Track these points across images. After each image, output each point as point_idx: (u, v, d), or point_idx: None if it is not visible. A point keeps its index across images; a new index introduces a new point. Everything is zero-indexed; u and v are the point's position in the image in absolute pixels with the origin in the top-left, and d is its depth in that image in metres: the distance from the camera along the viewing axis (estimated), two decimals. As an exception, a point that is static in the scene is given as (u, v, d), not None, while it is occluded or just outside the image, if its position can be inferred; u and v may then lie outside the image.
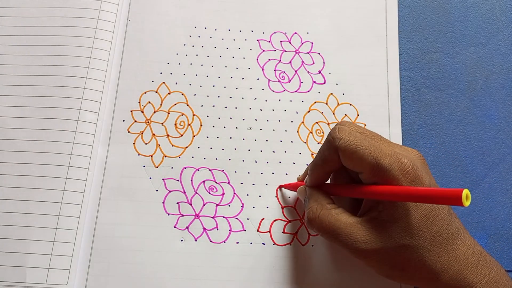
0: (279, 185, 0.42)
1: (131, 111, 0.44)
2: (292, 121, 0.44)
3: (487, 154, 0.45)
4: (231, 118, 0.44)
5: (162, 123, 0.44)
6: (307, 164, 0.43)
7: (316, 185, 0.36)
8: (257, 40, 0.47)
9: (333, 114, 0.45)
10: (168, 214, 0.41)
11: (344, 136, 0.32)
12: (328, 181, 0.37)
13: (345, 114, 0.45)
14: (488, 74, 0.47)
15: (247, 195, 0.42)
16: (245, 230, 0.41)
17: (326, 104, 0.45)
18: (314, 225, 0.34)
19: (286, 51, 0.47)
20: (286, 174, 0.43)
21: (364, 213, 0.33)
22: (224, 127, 0.44)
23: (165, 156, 0.43)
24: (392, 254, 0.31)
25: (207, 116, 0.44)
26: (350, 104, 0.45)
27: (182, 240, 0.40)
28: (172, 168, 0.42)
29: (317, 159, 0.35)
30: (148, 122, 0.44)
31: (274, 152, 0.43)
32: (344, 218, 0.33)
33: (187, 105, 0.44)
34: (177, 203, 0.41)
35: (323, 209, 0.34)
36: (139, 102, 0.44)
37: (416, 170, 0.31)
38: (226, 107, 0.44)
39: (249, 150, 0.43)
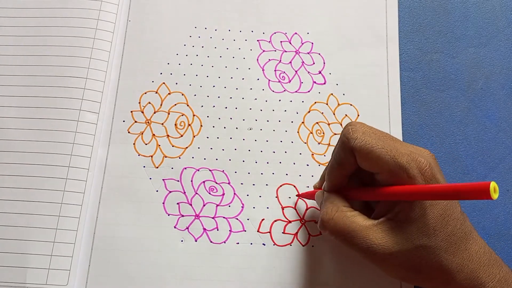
0: (296, 194, 0.42)
1: (131, 112, 0.44)
2: (292, 121, 0.44)
3: (487, 154, 0.45)
4: (231, 118, 0.44)
5: (162, 124, 0.44)
6: (307, 165, 0.43)
7: (334, 190, 0.36)
8: (257, 40, 0.47)
9: (334, 114, 0.45)
10: (168, 215, 0.41)
11: (358, 136, 0.32)
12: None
13: (346, 115, 0.45)
14: (488, 75, 0.47)
15: (247, 195, 0.42)
16: (245, 231, 0.41)
17: (327, 104, 0.45)
18: (327, 227, 0.33)
19: (286, 51, 0.47)
20: (287, 174, 0.42)
21: (379, 215, 0.32)
22: (224, 128, 0.44)
23: (165, 157, 0.43)
24: (409, 256, 0.31)
25: (207, 116, 0.44)
26: (351, 105, 0.45)
27: (182, 241, 0.40)
28: (172, 168, 0.42)
29: (332, 162, 0.34)
30: (148, 123, 0.44)
31: (274, 152, 0.43)
32: (360, 221, 0.32)
33: (187, 105, 0.44)
34: (177, 203, 0.41)
35: (338, 211, 0.33)
36: (139, 103, 0.44)
37: (432, 169, 0.31)
38: (226, 108, 0.44)
39: (249, 150, 0.43)
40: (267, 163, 0.43)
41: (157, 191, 0.42)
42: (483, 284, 0.31)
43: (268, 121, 0.44)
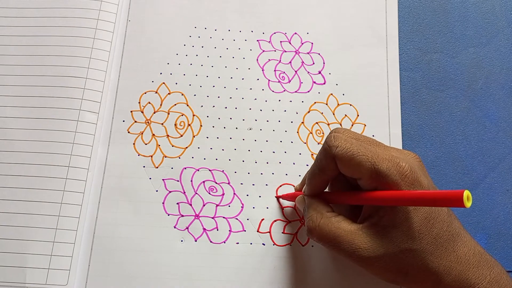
0: (276, 196, 0.42)
1: (131, 112, 0.44)
2: (292, 122, 0.44)
3: (487, 154, 0.45)
4: (231, 118, 0.44)
5: (162, 124, 0.44)
6: (307, 165, 0.43)
7: (314, 194, 0.36)
8: (257, 40, 0.47)
9: (333, 114, 0.45)
10: (168, 215, 0.41)
11: (340, 143, 0.32)
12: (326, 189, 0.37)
13: (345, 115, 0.45)
14: (488, 74, 0.47)
15: (247, 195, 0.42)
16: (245, 231, 0.41)
17: (326, 104, 0.45)
18: (314, 234, 0.33)
19: (286, 52, 0.47)
20: (286, 174, 0.42)
21: (364, 219, 0.33)
22: (224, 128, 0.44)
23: (165, 157, 0.43)
24: (395, 260, 0.31)
25: (207, 116, 0.44)
26: (350, 105, 0.45)
27: (182, 241, 0.40)
28: (172, 168, 0.42)
29: (314, 168, 0.35)
30: (148, 123, 0.44)
31: (274, 152, 0.43)
32: (345, 226, 0.32)
33: (187, 105, 0.44)
34: (177, 203, 0.41)
35: (322, 218, 0.33)
36: (139, 103, 0.44)
37: (414, 173, 0.31)
38: (226, 108, 0.44)
39: (249, 150, 0.43)
40: (267, 163, 0.43)
41: (157, 191, 0.42)
42: (472, 285, 0.31)
43: (267, 121, 0.44)
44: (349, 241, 0.32)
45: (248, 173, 0.42)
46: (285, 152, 0.43)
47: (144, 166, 0.42)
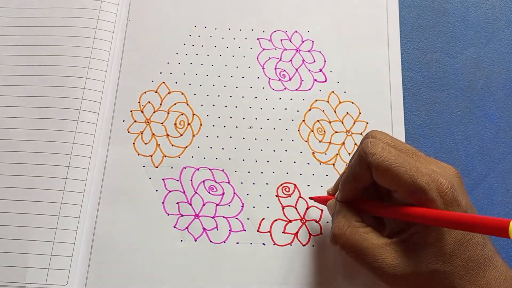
0: (309, 197, 0.41)
1: (131, 111, 0.44)
2: (292, 120, 0.44)
3: (487, 154, 0.45)
4: (231, 117, 0.44)
5: (162, 123, 0.44)
6: (308, 163, 0.43)
7: (347, 201, 0.34)
8: (257, 38, 0.47)
9: (335, 112, 0.45)
10: (168, 214, 0.41)
11: (377, 151, 0.30)
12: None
13: (347, 112, 0.45)
14: (488, 74, 0.47)
15: (247, 194, 0.42)
16: (245, 230, 0.41)
17: (327, 102, 0.45)
18: (338, 242, 0.32)
19: (286, 50, 0.47)
20: (287, 173, 0.42)
21: (393, 234, 0.31)
22: (224, 126, 0.44)
23: (165, 156, 0.43)
24: (421, 280, 0.29)
25: (207, 115, 0.44)
26: (352, 102, 0.45)
27: (182, 240, 0.40)
28: (172, 168, 0.42)
29: (348, 175, 0.33)
30: (148, 122, 0.44)
31: (274, 151, 0.43)
32: (373, 238, 0.31)
33: (187, 104, 0.44)
34: (177, 203, 0.41)
35: (350, 226, 0.32)
36: (139, 102, 0.44)
37: (454, 191, 0.29)
38: (226, 106, 0.44)
39: (249, 149, 0.43)
40: (267, 162, 0.43)
41: (156, 190, 0.41)
42: None
43: (268, 119, 0.44)
44: (375, 255, 0.30)
45: (248, 172, 0.42)
46: (286, 150, 0.43)
47: (144, 166, 0.42)
